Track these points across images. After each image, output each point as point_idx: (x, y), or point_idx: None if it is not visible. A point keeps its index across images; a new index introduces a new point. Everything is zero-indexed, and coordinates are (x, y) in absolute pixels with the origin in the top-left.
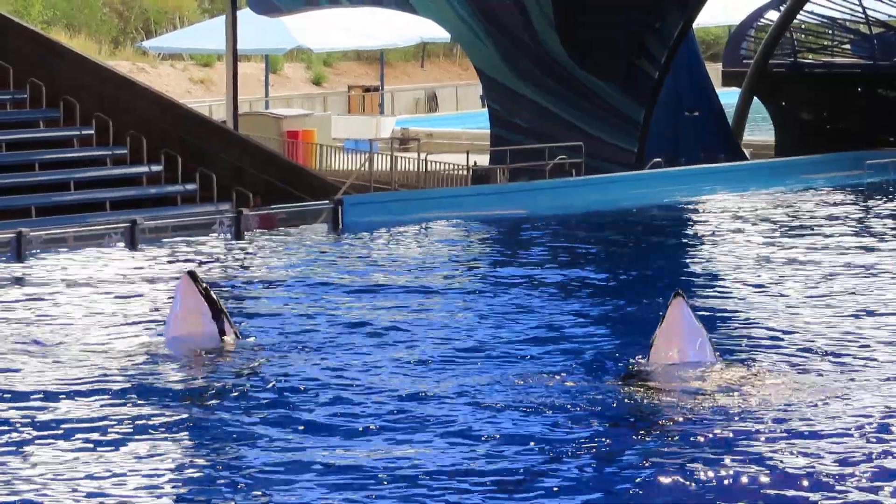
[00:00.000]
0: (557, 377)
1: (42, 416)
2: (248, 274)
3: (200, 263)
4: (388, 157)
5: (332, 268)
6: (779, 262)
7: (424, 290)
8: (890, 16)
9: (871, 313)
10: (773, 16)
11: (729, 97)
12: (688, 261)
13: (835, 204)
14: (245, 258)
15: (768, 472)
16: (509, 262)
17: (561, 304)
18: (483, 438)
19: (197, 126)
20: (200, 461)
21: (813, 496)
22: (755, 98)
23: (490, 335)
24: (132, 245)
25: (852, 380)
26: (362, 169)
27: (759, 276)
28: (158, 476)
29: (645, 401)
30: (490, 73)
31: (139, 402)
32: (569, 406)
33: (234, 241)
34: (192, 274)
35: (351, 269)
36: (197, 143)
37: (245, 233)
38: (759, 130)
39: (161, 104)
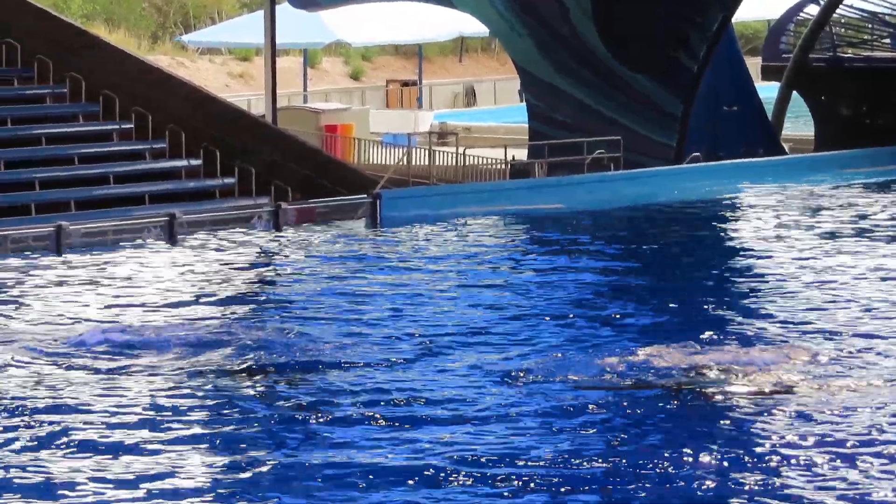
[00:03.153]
0: (599, 374)
1: (60, 418)
2: (287, 267)
3: (237, 259)
4: (427, 152)
5: (370, 262)
6: (819, 258)
7: (462, 283)
8: None
9: None
10: (812, 10)
11: (768, 91)
12: (726, 256)
13: (875, 198)
14: (283, 252)
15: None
16: (547, 257)
17: (600, 299)
18: (531, 436)
19: (235, 120)
20: (235, 457)
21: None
22: (794, 92)
23: (530, 330)
24: (171, 239)
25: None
26: (400, 163)
27: (798, 271)
28: (184, 476)
29: (693, 397)
30: (528, 67)
31: (171, 397)
32: (610, 402)
33: (272, 235)
34: None
35: (388, 263)
36: (235, 138)
37: (283, 227)
38: (799, 125)
39: (199, 99)
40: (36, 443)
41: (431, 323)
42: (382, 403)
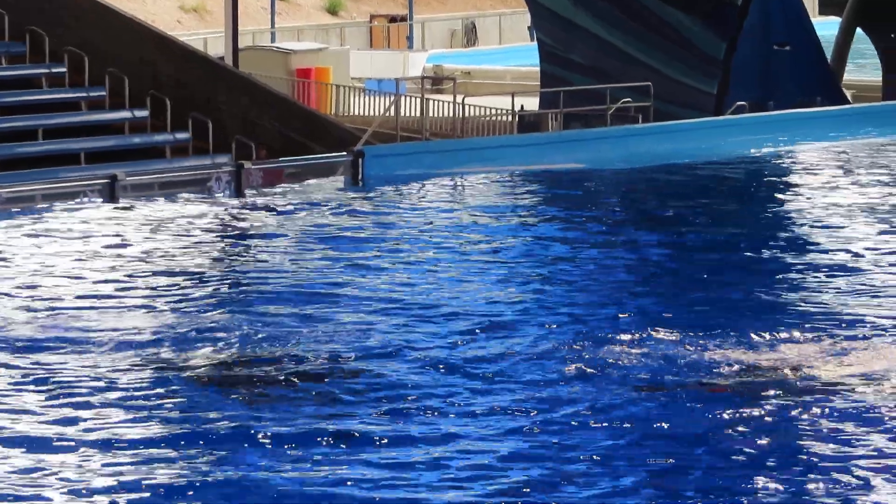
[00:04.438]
0: (615, 346)
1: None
2: (250, 239)
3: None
4: (418, 101)
5: (350, 231)
6: (881, 226)
7: (458, 256)
8: None
9: None
10: None
11: (827, 28)
12: (777, 226)
13: None
14: (246, 220)
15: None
16: (561, 224)
17: (624, 277)
18: (524, 409)
19: (189, 63)
20: (202, 439)
21: None
22: (858, 29)
23: (539, 314)
24: (111, 204)
25: None
26: (387, 114)
27: (857, 242)
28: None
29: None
30: None
31: (122, 383)
32: (614, 371)
33: (233, 201)
34: None
35: (372, 232)
36: (189, 85)
37: (247, 190)
38: (864, 69)
39: (147, 37)
40: None
41: (421, 303)
42: (367, 394)
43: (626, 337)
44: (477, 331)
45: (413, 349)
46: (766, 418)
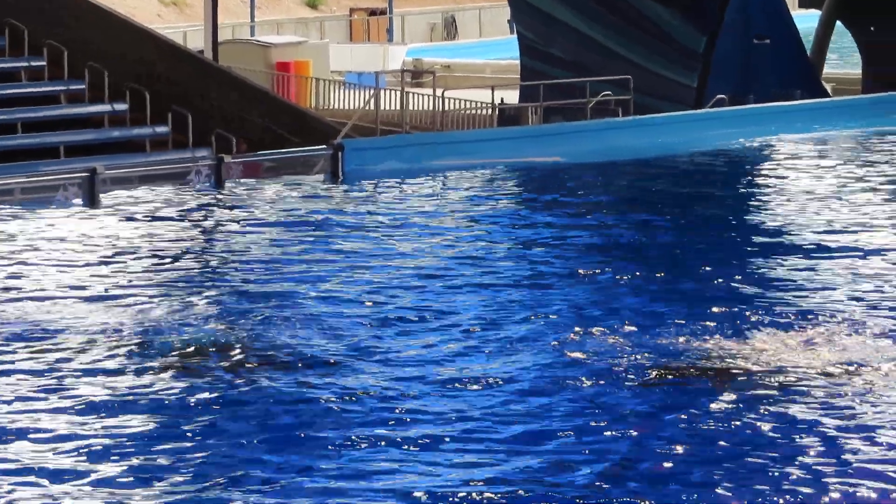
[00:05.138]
0: (606, 342)
1: None
2: (230, 233)
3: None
4: (398, 94)
5: (330, 225)
6: (867, 221)
7: (438, 250)
8: None
9: None
10: None
11: (807, 21)
12: (753, 217)
13: None
14: (226, 214)
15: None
16: (541, 217)
17: (604, 269)
18: (502, 406)
19: (169, 56)
20: (188, 437)
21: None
22: (838, 22)
23: (513, 304)
24: (91, 199)
25: None
26: (367, 108)
27: (834, 235)
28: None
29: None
30: None
31: (109, 379)
32: (603, 366)
33: (212, 194)
34: None
35: (352, 226)
36: (169, 77)
37: (226, 184)
38: (843, 61)
39: (126, 30)
40: None
41: (401, 298)
42: (351, 391)
43: (616, 331)
44: (459, 326)
45: (390, 345)
46: (752, 411)
